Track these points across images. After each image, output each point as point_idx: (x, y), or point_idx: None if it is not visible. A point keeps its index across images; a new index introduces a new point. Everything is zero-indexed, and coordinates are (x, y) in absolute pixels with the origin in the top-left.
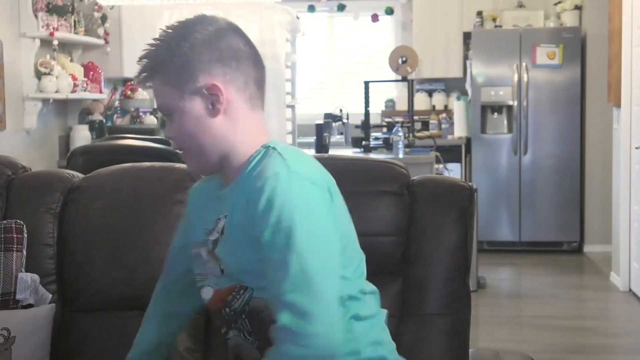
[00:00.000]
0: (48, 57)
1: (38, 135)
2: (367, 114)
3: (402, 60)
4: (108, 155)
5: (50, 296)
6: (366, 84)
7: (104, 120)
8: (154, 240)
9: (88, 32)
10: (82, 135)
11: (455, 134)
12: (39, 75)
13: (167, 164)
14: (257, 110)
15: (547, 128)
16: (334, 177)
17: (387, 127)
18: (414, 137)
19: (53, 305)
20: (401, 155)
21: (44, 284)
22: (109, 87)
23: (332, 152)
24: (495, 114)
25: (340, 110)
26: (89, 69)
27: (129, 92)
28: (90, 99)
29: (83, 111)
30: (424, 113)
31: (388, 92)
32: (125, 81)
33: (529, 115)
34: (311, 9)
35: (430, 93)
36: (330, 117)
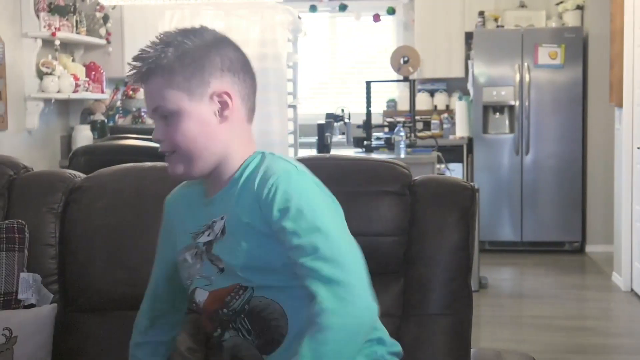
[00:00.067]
0: (50, 57)
1: (40, 135)
2: (368, 114)
3: (404, 60)
4: (110, 155)
5: (51, 296)
6: (368, 84)
7: (105, 120)
8: (156, 241)
9: (90, 32)
10: (84, 135)
11: (457, 134)
12: (40, 75)
13: None
14: (250, 121)
15: (549, 128)
16: (336, 177)
17: (389, 127)
18: (415, 137)
19: (55, 305)
20: (403, 155)
21: (46, 284)
22: (111, 87)
23: (333, 152)
24: (497, 114)
25: (342, 110)
26: (90, 69)
27: (131, 92)
28: (92, 99)
29: (85, 111)
30: (426, 113)
31: (390, 92)
32: (127, 81)
33: (530, 115)
34: (313, 9)
35: (432, 93)
36: (332, 117)
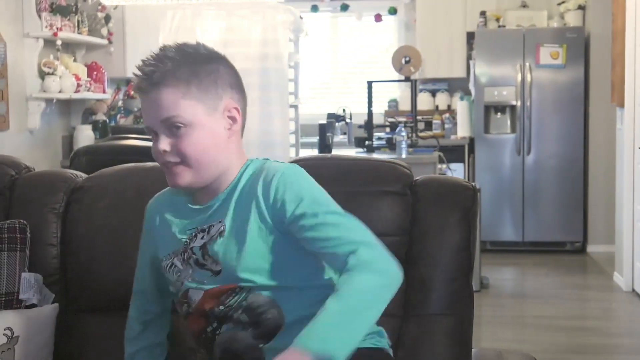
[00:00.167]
0: (51, 57)
1: (41, 135)
2: (370, 114)
3: (406, 60)
4: (111, 155)
5: (53, 296)
6: (369, 84)
7: (107, 120)
8: None
9: (91, 32)
10: (85, 135)
11: (459, 134)
12: (42, 75)
13: None
14: (242, 134)
15: (550, 128)
16: (337, 177)
17: (390, 127)
18: (417, 137)
19: (56, 305)
20: (404, 155)
21: (47, 283)
22: (113, 87)
23: (335, 152)
24: (499, 114)
25: (344, 110)
26: (92, 69)
27: (133, 92)
28: (93, 99)
29: (86, 111)
30: (427, 113)
31: (391, 92)
32: (128, 81)
33: (532, 115)
34: (314, 9)
35: (433, 93)
36: (334, 117)
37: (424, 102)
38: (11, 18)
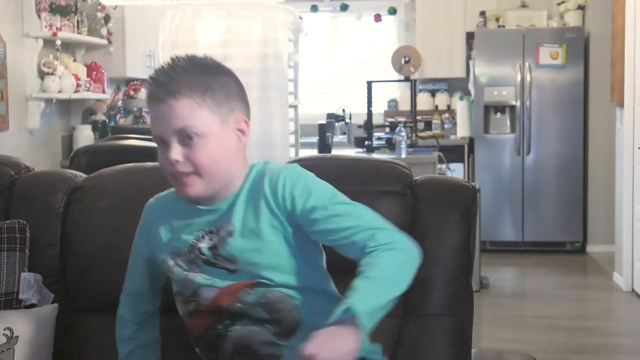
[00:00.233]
0: (51, 57)
1: (41, 135)
2: (369, 114)
3: (405, 60)
4: (111, 155)
5: (52, 296)
6: (369, 84)
7: (107, 120)
8: None
9: (91, 32)
10: (85, 135)
11: (458, 134)
12: (42, 75)
13: None
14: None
15: (550, 128)
16: (337, 177)
17: (390, 127)
18: (416, 137)
19: (56, 305)
20: (404, 155)
21: (47, 283)
22: (112, 87)
23: (334, 152)
24: (498, 114)
25: (343, 110)
26: (92, 69)
27: (132, 92)
28: (93, 99)
29: (86, 111)
30: (427, 113)
31: (391, 92)
32: (128, 81)
33: (532, 115)
34: (314, 9)
35: (433, 93)
36: (333, 117)
37: (424, 102)
38: (11, 18)
